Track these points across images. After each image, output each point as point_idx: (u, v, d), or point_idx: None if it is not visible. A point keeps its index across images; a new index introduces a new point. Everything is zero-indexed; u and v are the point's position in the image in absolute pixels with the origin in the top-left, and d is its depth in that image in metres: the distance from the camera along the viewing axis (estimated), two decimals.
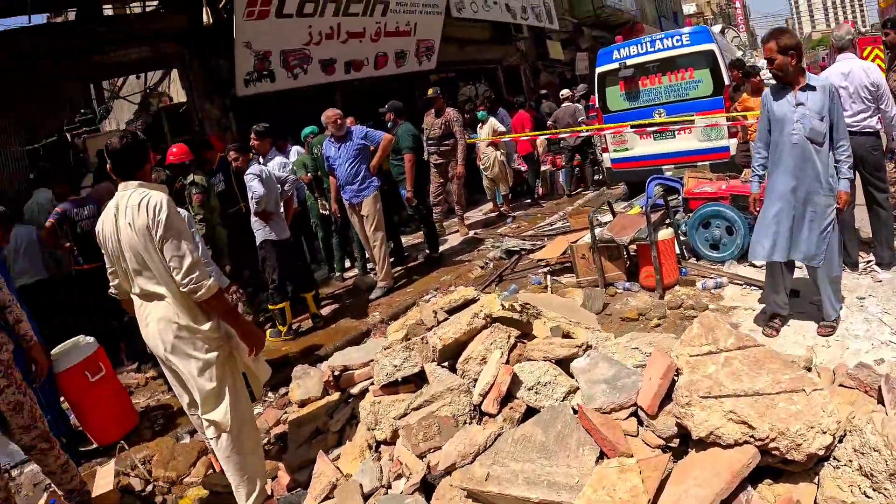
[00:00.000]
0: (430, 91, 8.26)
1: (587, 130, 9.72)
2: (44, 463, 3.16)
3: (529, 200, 10.37)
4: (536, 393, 2.78)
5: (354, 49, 10.15)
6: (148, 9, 9.88)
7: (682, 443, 2.43)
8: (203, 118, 8.84)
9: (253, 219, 5.59)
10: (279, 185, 5.75)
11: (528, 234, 7.67)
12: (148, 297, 2.99)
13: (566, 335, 3.51)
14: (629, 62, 8.26)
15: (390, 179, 7.56)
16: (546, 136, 10.63)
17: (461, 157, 8.02)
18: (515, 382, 2.83)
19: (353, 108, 9.36)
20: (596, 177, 10.47)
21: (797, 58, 3.64)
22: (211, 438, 3.10)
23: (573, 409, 2.62)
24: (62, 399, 4.66)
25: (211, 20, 7.83)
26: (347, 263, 7.63)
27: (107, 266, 3.19)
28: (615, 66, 8.41)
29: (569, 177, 10.44)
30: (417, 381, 3.37)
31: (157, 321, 2.96)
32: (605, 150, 8.78)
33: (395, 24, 10.65)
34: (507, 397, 2.82)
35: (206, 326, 2.96)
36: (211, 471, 3.91)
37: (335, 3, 9.35)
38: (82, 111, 12.13)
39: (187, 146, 6.28)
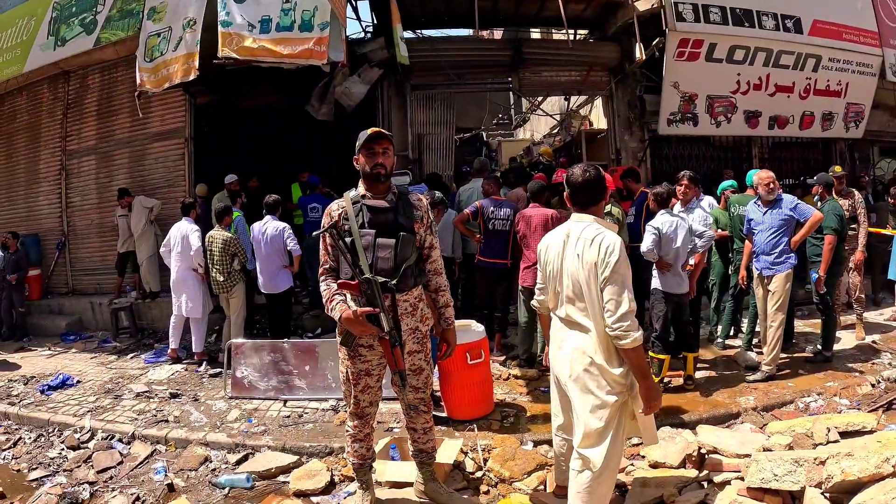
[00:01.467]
0: (838, 168, 7.49)
1: None
2: (413, 420, 3.49)
3: None
4: None
5: (781, 104, 9.60)
6: (578, 36, 10.63)
7: None
8: (620, 148, 9.33)
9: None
10: (693, 239, 5.67)
11: None
12: (571, 324, 3.17)
13: None
14: None
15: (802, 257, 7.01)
16: None
17: (862, 243, 7.22)
18: None
19: (767, 167, 8.92)
20: None
21: None
22: (573, 469, 3.18)
23: None
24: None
25: (643, 56, 8.11)
26: (732, 331, 7.28)
27: (538, 281, 3.45)
28: None
29: None
30: (789, 497, 3.11)
31: (573, 349, 3.13)
32: None
33: (825, 82, 9.77)
34: None
35: (618, 371, 3.04)
36: (542, 487, 4.04)
37: (766, 52, 8.96)
38: (501, 116, 13.66)
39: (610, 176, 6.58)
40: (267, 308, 7.19)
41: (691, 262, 5.79)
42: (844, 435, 3.43)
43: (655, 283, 5.66)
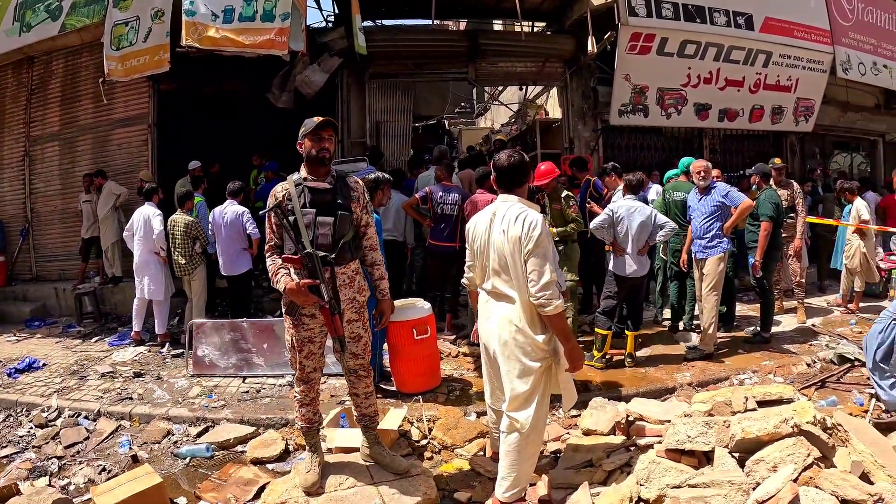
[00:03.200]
0: (778, 160, 7.83)
1: None
2: (355, 386, 3.73)
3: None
4: None
5: (731, 97, 9.90)
6: (537, 28, 10.89)
7: None
8: (574, 137, 9.61)
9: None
10: (654, 228, 5.92)
11: None
12: (498, 296, 3.46)
13: (864, 475, 3.18)
14: None
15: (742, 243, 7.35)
16: None
17: (800, 231, 7.59)
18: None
19: (718, 158, 9.29)
20: None
21: None
22: (502, 431, 3.48)
23: None
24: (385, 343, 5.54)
25: (595, 49, 8.38)
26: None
27: (467, 259, 3.73)
28: None
29: None
30: (703, 457, 3.33)
31: (499, 318, 3.41)
32: None
33: (776, 77, 10.09)
34: None
35: (541, 338, 3.33)
36: (482, 453, 4.33)
37: (716, 47, 9.24)
38: (462, 105, 13.92)
39: (554, 163, 6.82)
40: (228, 290, 7.39)
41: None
42: (762, 404, 3.64)
43: (611, 264, 5.97)
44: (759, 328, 6.93)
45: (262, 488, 3.94)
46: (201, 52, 7.17)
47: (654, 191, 7.59)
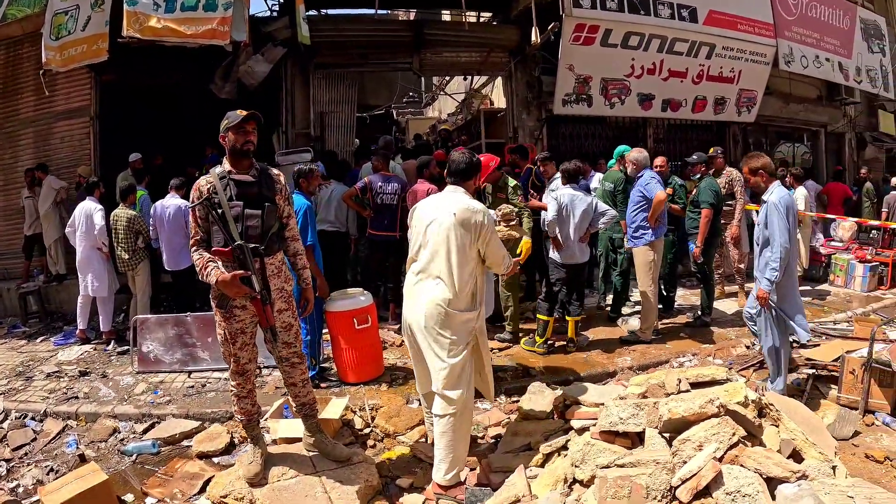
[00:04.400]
0: (712, 150, 8.02)
1: None
2: (290, 375, 3.77)
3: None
4: (733, 500, 2.72)
5: (675, 88, 10.07)
6: (482, 19, 10.94)
7: None
8: (518, 126, 9.67)
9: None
10: (595, 215, 6.03)
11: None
12: (428, 277, 3.61)
13: (795, 452, 3.32)
14: None
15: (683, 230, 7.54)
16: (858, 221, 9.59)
17: (737, 217, 7.79)
18: (718, 481, 2.80)
19: (662, 147, 9.45)
20: None
21: None
22: (434, 415, 3.60)
23: None
24: (326, 332, 5.58)
25: (539, 40, 8.46)
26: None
27: (410, 241, 3.85)
28: None
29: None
30: (636, 438, 3.43)
31: (428, 299, 3.56)
32: None
33: (718, 69, 10.31)
34: (704, 492, 2.80)
35: (466, 316, 3.54)
36: (423, 439, 4.40)
37: (660, 39, 9.39)
38: (411, 95, 13.93)
39: (497, 153, 6.96)
40: (172, 286, 7.32)
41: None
42: (695, 385, 3.73)
43: (553, 254, 6.08)
44: (700, 312, 7.13)
45: (207, 482, 3.97)
46: (143, 43, 7.02)
47: (595, 179, 7.74)
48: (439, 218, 3.58)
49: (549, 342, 6.22)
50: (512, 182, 6.32)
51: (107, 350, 6.70)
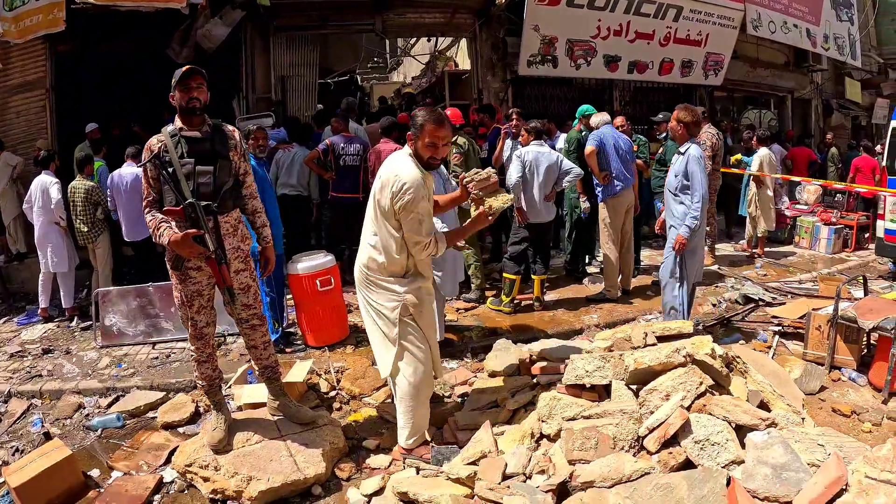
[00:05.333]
0: (661, 116, 8.01)
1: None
2: (251, 337, 3.71)
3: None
4: (702, 448, 2.72)
5: (641, 50, 10.05)
6: None
7: None
8: (483, 88, 9.56)
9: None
10: (561, 173, 6.04)
11: (773, 285, 7.17)
12: (363, 242, 3.54)
13: (763, 404, 3.35)
14: None
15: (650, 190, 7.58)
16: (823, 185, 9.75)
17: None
18: (686, 430, 2.79)
19: (628, 110, 9.41)
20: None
21: None
22: (391, 378, 3.58)
23: (727, 479, 2.54)
24: (290, 296, 5.51)
25: (504, 0, 8.36)
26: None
27: None
28: None
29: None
30: (603, 391, 3.44)
31: (358, 260, 3.54)
32: (881, 216, 7.74)
33: (686, 32, 10.30)
34: (672, 441, 2.80)
35: (393, 283, 3.43)
36: (389, 400, 4.34)
37: (627, 0, 9.34)
38: (375, 59, 13.69)
39: (461, 111, 6.85)
40: (134, 258, 7.17)
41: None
42: (662, 339, 3.72)
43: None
44: None
45: (172, 452, 3.90)
46: (98, 9, 6.79)
47: (561, 140, 7.72)
48: (376, 180, 3.47)
49: (515, 301, 6.22)
50: (455, 138, 6.24)
51: (70, 326, 6.56)
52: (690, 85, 11.31)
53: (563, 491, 2.77)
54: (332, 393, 4.64)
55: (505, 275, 6.16)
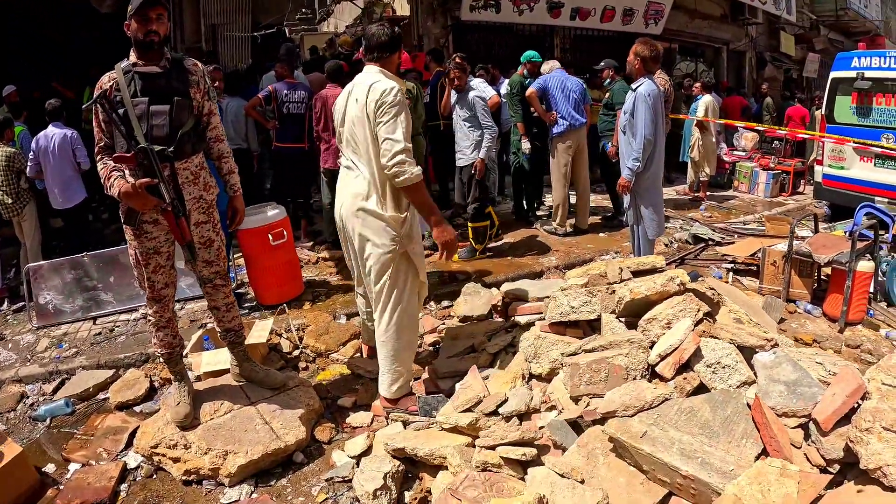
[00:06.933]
0: (603, 63, 7.98)
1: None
2: (213, 298, 3.41)
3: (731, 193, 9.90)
4: (714, 372, 2.72)
5: None
6: None
7: (840, 473, 2.30)
8: (423, 35, 9.31)
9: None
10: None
11: (719, 226, 7.40)
12: (350, 170, 3.25)
13: None
14: (867, 74, 7.37)
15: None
16: (760, 132, 10.01)
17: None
18: (696, 355, 2.78)
19: (569, 57, 9.30)
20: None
21: None
22: (376, 318, 3.32)
23: (747, 400, 2.56)
24: (238, 255, 5.22)
25: None
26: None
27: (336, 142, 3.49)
28: (852, 74, 7.57)
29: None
30: (587, 327, 3.37)
31: (349, 194, 3.20)
32: (819, 162, 8.09)
33: None
34: (684, 367, 2.79)
35: (390, 215, 3.13)
36: (359, 354, 4.20)
37: None
38: (304, 11, 13.09)
39: (408, 55, 6.64)
40: (64, 229, 6.63)
41: None
42: (637, 274, 3.69)
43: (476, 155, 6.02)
44: (613, 212, 7.40)
45: (133, 434, 3.57)
46: None
47: (504, 85, 7.60)
48: (349, 104, 3.19)
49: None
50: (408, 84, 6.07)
51: (1, 310, 6.02)
52: (630, 34, 11.24)
53: (574, 425, 2.72)
54: (296, 352, 4.42)
55: (473, 224, 6.05)
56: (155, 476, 3.24)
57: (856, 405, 2.38)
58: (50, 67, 9.08)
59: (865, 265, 4.63)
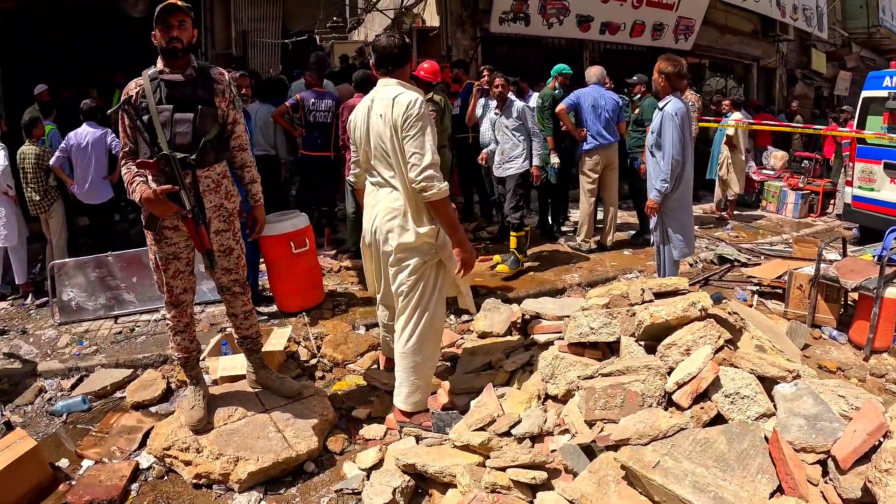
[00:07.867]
0: (636, 77, 7.97)
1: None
2: (231, 305, 3.42)
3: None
4: (732, 402, 2.65)
5: (614, 11, 9.93)
6: None
7: None
8: (452, 45, 9.29)
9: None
10: None
11: (745, 247, 7.27)
12: (381, 185, 3.24)
13: None
14: None
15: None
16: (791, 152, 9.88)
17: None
18: (714, 384, 2.72)
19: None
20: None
21: None
22: (397, 331, 3.31)
23: (765, 433, 2.49)
24: (261, 260, 5.23)
25: None
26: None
27: (351, 155, 3.49)
28: (884, 94, 7.43)
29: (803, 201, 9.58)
30: (606, 349, 3.33)
31: (383, 209, 3.20)
32: (849, 183, 7.95)
33: None
34: (702, 396, 2.72)
35: (425, 229, 3.13)
36: (376, 366, 4.19)
37: None
38: (335, 18, 13.20)
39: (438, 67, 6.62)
40: (90, 227, 6.75)
41: None
42: (659, 295, 3.64)
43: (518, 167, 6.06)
44: (640, 229, 7.30)
45: (147, 434, 3.60)
46: None
47: (534, 98, 7.57)
48: (372, 119, 3.18)
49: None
50: (432, 95, 6.09)
51: (25, 304, 6.11)
52: (660, 49, 11.16)
53: (586, 449, 2.67)
54: (313, 361, 4.42)
55: (518, 233, 6.04)
56: (166, 478, 3.26)
57: (877, 443, 2.31)
58: (50, 67, 9.24)
59: (894, 291, 4.50)
